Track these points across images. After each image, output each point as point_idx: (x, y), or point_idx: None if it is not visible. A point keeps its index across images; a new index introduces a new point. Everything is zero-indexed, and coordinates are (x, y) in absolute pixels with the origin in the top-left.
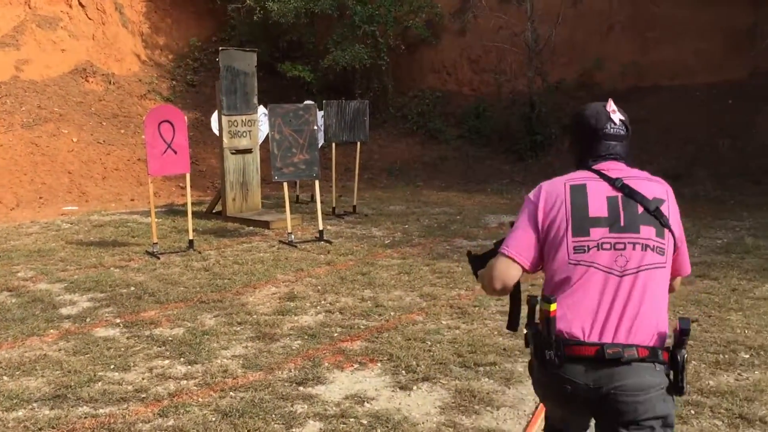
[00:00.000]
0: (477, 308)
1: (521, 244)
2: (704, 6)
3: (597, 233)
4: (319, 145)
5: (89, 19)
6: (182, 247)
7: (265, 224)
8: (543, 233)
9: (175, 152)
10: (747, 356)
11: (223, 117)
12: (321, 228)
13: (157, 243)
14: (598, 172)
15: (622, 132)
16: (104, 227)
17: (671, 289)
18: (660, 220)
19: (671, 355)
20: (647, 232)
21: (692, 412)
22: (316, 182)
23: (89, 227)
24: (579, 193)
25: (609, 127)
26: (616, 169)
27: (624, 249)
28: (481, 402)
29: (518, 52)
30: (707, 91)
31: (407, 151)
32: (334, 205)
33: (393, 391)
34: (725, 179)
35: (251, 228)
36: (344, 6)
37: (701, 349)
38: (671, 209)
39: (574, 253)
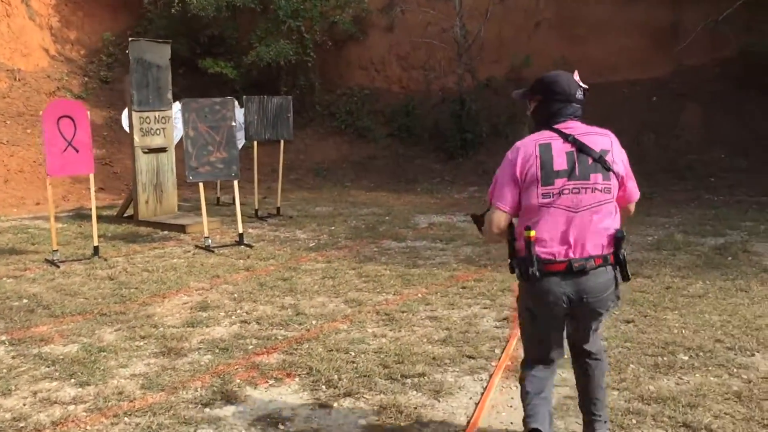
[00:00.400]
0: (405, 314)
1: (504, 195)
2: (628, 3)
3: (559, 182)
4: (240, 144)
5: None
6: (87, 255)
7: (181, 228)
8: (521, 184)
9: (77, 150)
10: (686, 358)
11: (134, 113)
12: (241, 231)
13: (57, 250)
14: (558, 131)
15: (583, 98)
16: (1, 234)
17: (628, 212)
18: (605, 167)
19: (615, 255)
20: (595, 177)
21: (634, 421)
22: (236, 183)
23: None
24: (546, 150)
25: (578, 93)
26: (573, 127)
27: (579, 193)
28: (408, 418)
29: (447, 49)
30: (632, 87)
31: (335, 151)
32: (256, 207)
33: (311, 409)
34: (651, 175)
35: (166, 232)
36: (268, 0)
37: (639, 352)
38: (615, 156)
39: (542, 198)
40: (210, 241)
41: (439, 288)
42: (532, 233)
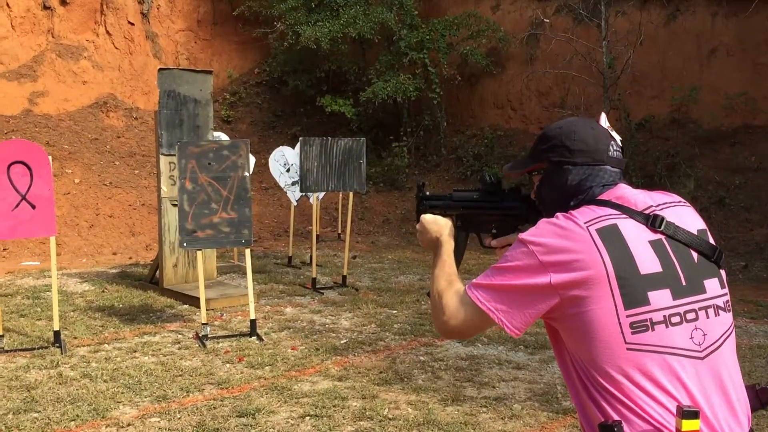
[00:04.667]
0: None
1: (515, 312)
2: None
3: (658, 299)
4: (296, 197)
5: (116, 48)
6: (49, 340)
7: (198, 303)
8: (558, 303)
9: (33, 207)
10: None
11: (162, 158)
12: (253, 317)
13: (2, 336)
14: (617, 205)
15: (622, 157)
16: (12, 297)
17: None
18: (719, 264)
19: None
20: (712, 287)
21: None
22: (248, 252)
23: None
24: (613, 239)
25: (612, 149)
26: (635, 196)
27: (696, 319)
28: None
29: (595, 83)
30: None
31: None
32: (314, 276)
33: None
34: None
35: (185, 307)
36: (390, 31)
37: None
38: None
39: (633, 333)
40: (208, 329)
41: None
42: (696, 425)
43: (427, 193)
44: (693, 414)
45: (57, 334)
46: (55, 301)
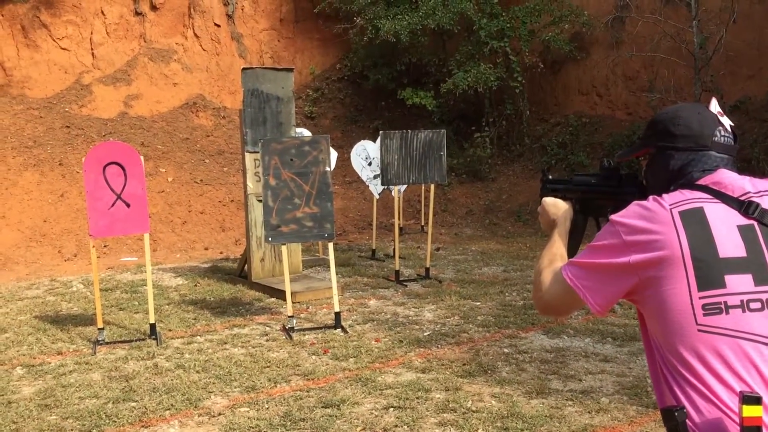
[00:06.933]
0: None
1: (596, 287)
2: None
3: (737, 284)
4: (378, 191)
5: (203, 50)
6: (145, 332)
7: (284, 296)
8: (637, 283)
9: (128, 205)
10: None
11: (248, 155)
12: (337, 310)
13: (103, 328)
14: (712, 190)
15: (732, 143)
16: (111, 291)
17: None
18: None
19: None
20: None
21: None
22: (330, 245)
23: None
24: (695, 222)
25: (719, 134)
26: (734, 182)
27: None
28: None
29: (684, 65)
30: None
31: None
32: (397, 268)
33: None
34: None
35: (272, 300)
36: (470, 21)
37: None
38: None
39: (705, 315)
40: (294, 321)
41: None
42: (758, 411)
43: (550, 177)
44: (754, 400)
45: (153, 326)
46: (150, 295)
